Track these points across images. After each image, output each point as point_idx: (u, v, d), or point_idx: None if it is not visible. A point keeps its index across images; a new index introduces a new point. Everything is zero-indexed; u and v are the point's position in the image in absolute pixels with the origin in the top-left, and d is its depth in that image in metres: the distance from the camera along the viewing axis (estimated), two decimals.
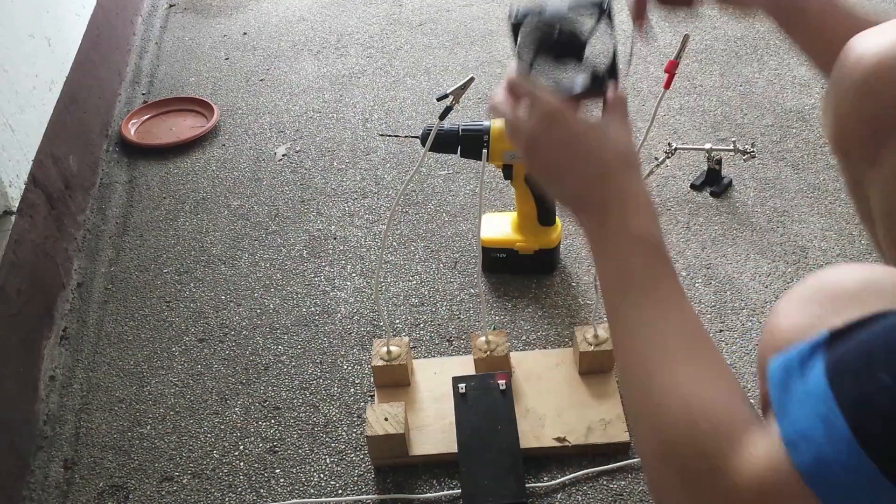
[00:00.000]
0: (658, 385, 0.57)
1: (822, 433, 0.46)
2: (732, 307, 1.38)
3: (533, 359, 1.30)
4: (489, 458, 1.12)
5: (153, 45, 2.35)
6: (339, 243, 1.60)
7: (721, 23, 2.19)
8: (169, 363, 1.38)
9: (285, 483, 1.18)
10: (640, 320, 0.61)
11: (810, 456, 0.46)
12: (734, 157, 1.67)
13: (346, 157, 1.83)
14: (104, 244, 1.65)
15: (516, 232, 1.45)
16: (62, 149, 1.65)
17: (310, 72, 2.15)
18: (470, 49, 2.17)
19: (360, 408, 1.28)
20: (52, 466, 1.24)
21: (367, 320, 1.43)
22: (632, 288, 0.62)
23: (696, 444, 0.53)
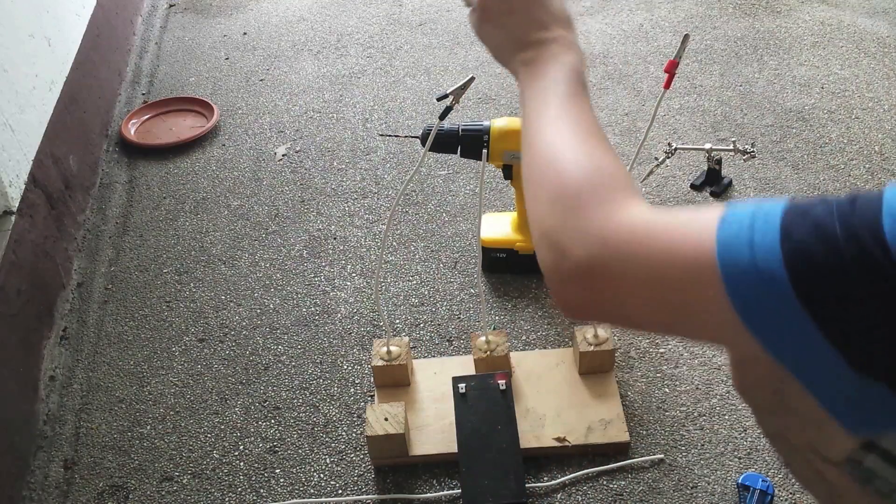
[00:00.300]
0: (563, 152, 0.64)
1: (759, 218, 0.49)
2: None
3: (533, 359, 1.30)
4: (489, 458, 1.12)
5: (153, 45, 2.35)
6: (339, 243, 1.60)
7: (721, 23, 2.19)
8: (169, 363, 1.38)
9: (285, 483, 1.18)
10: (554, 116, 0.69)
11: (734, 227, 0.49)
12: (734, 157, 1.67)
13: (346, 157, 1.83)
14: (104, 244, 1.65)
15: (516, 232, 1.45)
16: (62, 149, 1.65)
17: (310, 72, 2.15)
18: (470, 49, 2.17)
19: (360, 408, 1.28)
20: (52, 466, 1.24)
21: (367, 320, 1.43)
22: (553, 96, 0.71)
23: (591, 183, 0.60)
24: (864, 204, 0.46)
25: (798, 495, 1.11)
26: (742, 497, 1.10)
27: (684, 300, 0.53)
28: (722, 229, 0.50)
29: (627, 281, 0.55)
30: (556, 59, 0.74)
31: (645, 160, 1.70)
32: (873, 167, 1.66)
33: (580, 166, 0.62)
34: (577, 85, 0.72)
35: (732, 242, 0.49)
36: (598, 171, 0.61)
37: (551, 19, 0.76)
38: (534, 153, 0.68)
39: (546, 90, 0.72)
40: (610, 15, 2.28)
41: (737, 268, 0.49)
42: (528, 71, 0.75)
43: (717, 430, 1.20)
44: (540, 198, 0.64)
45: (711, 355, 1.30)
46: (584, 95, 0.72)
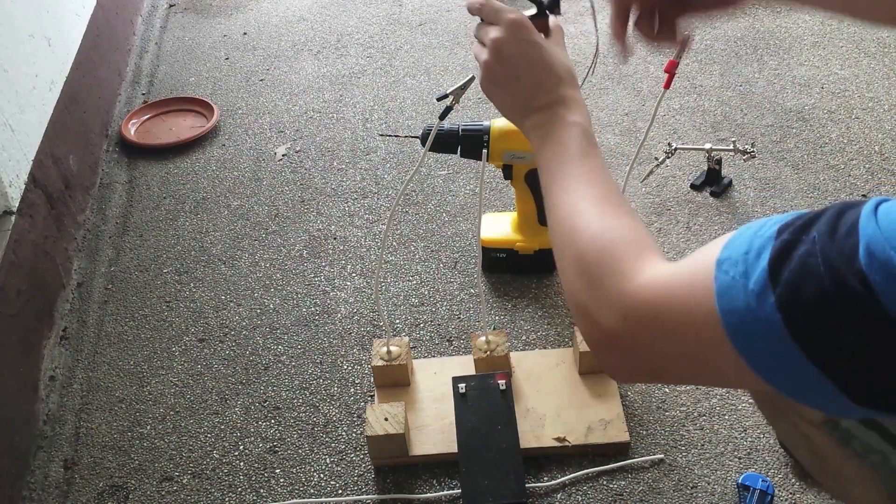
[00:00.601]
0: (583, 219, 0.68)
1: (750, 262, 0.51)
2: None
3: (533, 359, 1.30)
4: (489, 458, 1.12)
5: (153, 45, 2.35)
6: (339, 243, 1.60)
7: (721, 23, 2.19)
8: (169, 363, 1.38)
9: (285, 483, 1.18)
10: (572, 182, 0.72)
11: (730, 276, 0.52)
12: (734, 157, 1.67)
13: (346, 157, 1.83)
14: (104, 244, 1.65)
15: (516, 232, 1.45)
16: (62, 149, 1.65)
17: (310, 72, 2.15)
18: (470, 49, 2.17)
19: (360, 408, 1.28)
20: (52, 466, 1.24)
21: (367, 320, 1.43)
22: (566, 160, 0.74)
23: (609, 254, 0.63)
24: (843, 234, 0.49)
25: (798, 495, 1.11)
26: (742, 497, 1.10)
27: (701, 357, 0.56)
28: (719, 280, 0.53)
29: (651, 347, 0.59)
30: (564, 120, 0.76)
31: (645, 160, 1.70)
32: (873, 167, 1.66)
33: (595, 236, 0.66)
34: (587, 145, 0.75)
35: (730, 295, 0.52)
36: (611, 240, 0.65)
37: (555, 81, 0.79)
38: (554, 221, 0.72)
39: (558, 155, 0.75)
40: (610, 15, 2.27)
41: (737, 320, 0.52)
42: (538, 135, 0.77)
43: (717, 430, 1.20)
44: (564, 266, 0.68)
45: None
46: (595, 154, 0.74)
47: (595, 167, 0.73)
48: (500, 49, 0.79)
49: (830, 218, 0.50)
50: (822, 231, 0.50)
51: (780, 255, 0.50)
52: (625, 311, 0.59)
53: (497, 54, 0.79)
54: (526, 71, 0.78)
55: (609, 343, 0.62)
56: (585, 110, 0.78)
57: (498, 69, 0.79)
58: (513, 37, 0.78)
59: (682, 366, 0.60)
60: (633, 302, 0.59)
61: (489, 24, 0.81)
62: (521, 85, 0.79)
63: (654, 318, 0.58)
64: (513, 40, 0.78)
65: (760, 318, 0.50)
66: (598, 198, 0.70)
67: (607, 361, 0.64)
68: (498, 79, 0.80)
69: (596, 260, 0.64)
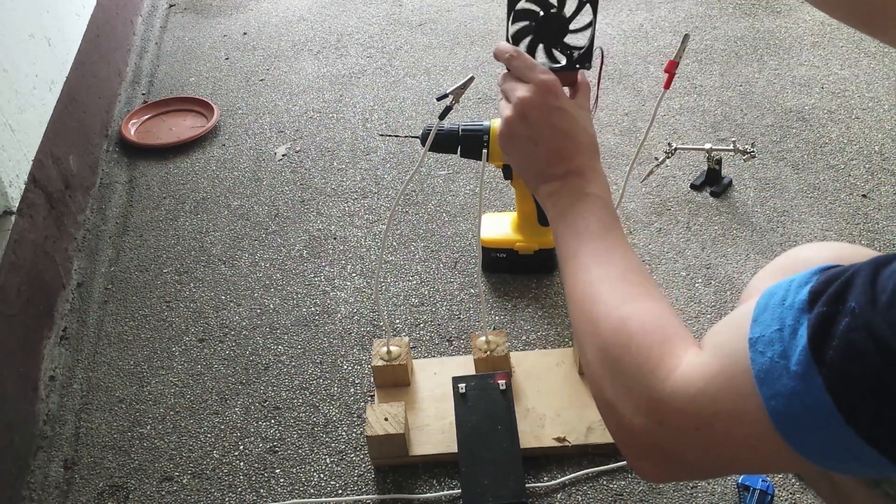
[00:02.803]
0: (601, 306, 0.64)
1: (786, 340, 0.49)
2: (732, 307, 1.38)
3: (533, 359, 1.30)
4: (489, 458, 1.12)
5: (153, 45, 2.35)
6: (339, 243, 1.60)
7: (721, 23, 2.19)
8: (169, 363, 1.38)
9: (285, 483, 1.18)
10: (588, 259, 0.68)
11: (767, 358, 0.49)
12: (734, 157, 1.67)
13: (346, 157, 1.83)
14: (104, 244, 1.65)
15: (516, 232, 1.45)
16: (62, 149, 1.65)
17: (310, 72, 2.15)
18: (470, 49, 2.17)
19: (360, 408, 1.28)
20: (52, 466, 1.24)
21: (367, 320, 1.43)
22: (586, 236, 0.70)
23: (631, 351, 0.59)
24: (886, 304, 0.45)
25: (798, 495, 1.11)
26: (742, 497, 1.10)
27: (747, 453, 0.53)
28: (756, 363, 0.50)
29: (692, 451, 0.55)
30: (580, 192, 0.73)
31: (645, 160, 1.70)
32: (873, 167, 1.66)
33: (616, 328, 0.61)
34: (606, 219, 0.71)
35: (771, 379, 0.49)
36: (635, 332, 0.60)
37: (574, 150, 0.75)
38: (573, 305, 0.68)
39: (573, 228, 0.72)
40: (610, 15, 2.27)
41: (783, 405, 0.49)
42: (554, 204, 0.75)
43: None
44: (588, 358, 0.64)
45: None
46: (614, 229, 0.71)
47: (614, 244, 0.69)
48: (526, 110, 0.75)
49: (866, 282, 0.47)
50: (860, 301, 0.46)
51: (820, 332, 0.47)
52: (660, 416, 0.55)
53: (521, 115, 0.76)
54: (547, 136, 0.76)
55: (644, 449, 0.58)
56: (605, 182, 0.75)
57: (519, 129, 0.76)
58: (540, 100, 0.75)
59: (725, 464, 0.56)
60: (670, 407, 0.55)
61: (517, 79, 0.78)
62: (540, 150, 0.76)
63: (694, 422, 0.54)
64: (540, 104, 0.75)
65: (808, 404, 0.47)
66: (616, 279, 0.66)
67: (640, 466, 0.60)
68: (517, 139, 0.77)
69: (620, 355, 0.60)
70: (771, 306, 0.51)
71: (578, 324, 0.66)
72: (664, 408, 0.55)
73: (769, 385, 0.49)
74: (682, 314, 1.38)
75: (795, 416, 0.48)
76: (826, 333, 0.47)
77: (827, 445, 0.48)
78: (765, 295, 0.52)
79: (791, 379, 0.48)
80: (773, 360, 0.49)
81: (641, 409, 0.56)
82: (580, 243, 0.70)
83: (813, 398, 0.47)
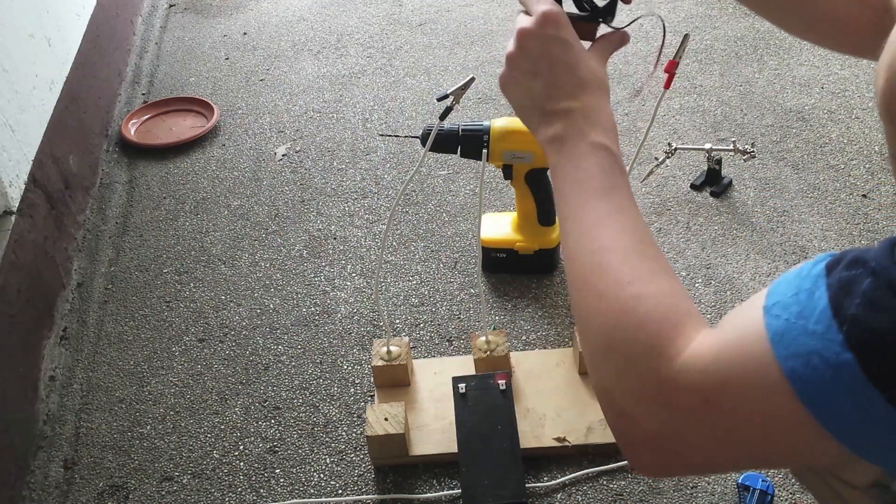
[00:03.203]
0: (610, 283, 0.58)
1: (803, 302, 0.47)
2: (732, 307, 1.38)
3: (533, 359, 1.30)
4: (489, 458, 1.12)
5: (153, 45, 2.35)
6: (339, 243, 1.60)
7: (721, 23, 2.19)
8: (169, 363, 1.38)
9: (285, 483, 1.18)
10: (594, 222, 0.62)
11: (783, 319, 0.47)
12: (734, 157, 1.67)
13: (346, 157, 1.83)
14: (104, 244, 1.65)
15: (516, 232, 1.45)
16: (62, 149, 1.65)
17: (310, 72, 2.15)
18: (470, 49, 2.17)
19: (360, 408, 1.28)
20: (52, 466, 1.24)
21: (367, 320, 1.43)
22: (589, 191, 0.64)
23: (643, 332, 0.55)
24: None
25: (798, 495, 1.11)
26: (742, 497, 1.10)
27: (765, 431, 0.50)
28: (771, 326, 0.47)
29: (704, 440, 0.52)
30: (585, 139, 0.66)
31: (645, 160, 1.70)
32: (873, 167, 1.66)
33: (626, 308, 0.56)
34: (615, 175, 0.65)
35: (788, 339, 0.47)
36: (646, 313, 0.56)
37: (577, 85, 0.69)
38: (575, 272, 0.62)
39: (578, 184, 0.65)
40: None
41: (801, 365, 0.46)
42: (556, 150, 0.68)
43: None
44: (588, 330, 0.59)
45: None
46: (623, 187, 0.64)
47: (622, 207, 0.62)
48: (524, 41, 0.70)
49: (885, 248, 0.46)
50: (882, 262, 0.45)
51: (841, 291, 0.46)
52: (666, 397, 0.52)
53: (520, 46, 0.71)
54: (545, 68, 0.69)
55: (651, 443, 0.53)
56: (613, 126, 0.68)
57: (518, 62, 0.71)
58: (539, 30, 0.70)
59: (735, 454, 0.53)
60: (677, 384, 0.51)
61: (525, 13, 0.72)
62: (538, 83, 0.70)
63: (703, 394, 0.50)
64: (539, 34, 0.70)
65: (830, 362, 0.45)
66: (628, 250, 0.59)
67: (645, 461, 0.55)
68: (516, 73, 0.71)
69: (629, 337, 0.55)
70: (786, 279, 0.50)
71: (582, 297, 0.60)
72: (671, 386, 0.52)
73: (785, 345, 0.47)
74: None
75: (816, 376, 0.46)
76: (847, 292, 0.46)
77: (848, 410, 0.46)
78: (778, 279, 0.51)
79: (810, 337, 0.46)
80: (789, 322, 0.47)
81: (648, 391, 0.53)
82: (585, 202, 0.64)
83: (834, 355, 0.45)
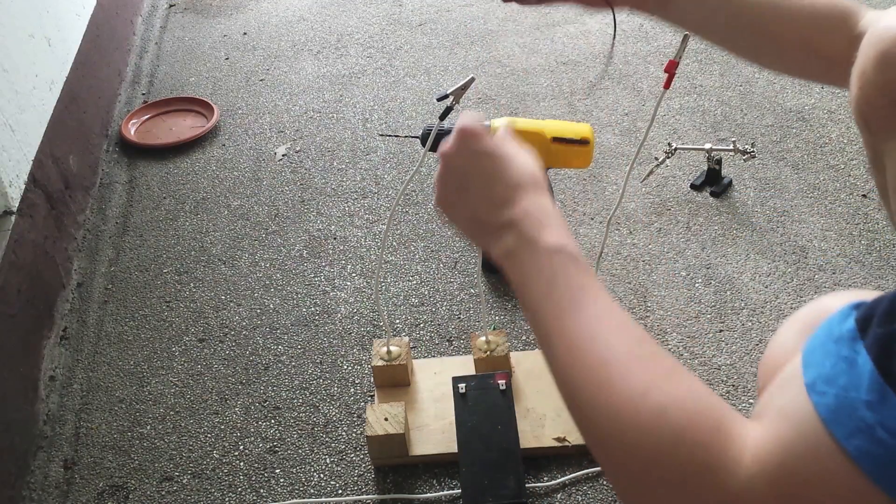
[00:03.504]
0: (622, 398, 0.51)
1: (846, 372, 0.44)
2: (732, 307, 1.38)
3: (533, 359, 1.30)
4: (489, 458, 1.12)
5: (153, 45, 2.35)
6: (339, 243, 1.60)
7: None
8: (169, 363, 1.38)
9: (285, 483, 1.18)
10: (578, 334, 0.56)
11: (832, 395, 0.44)
12: (734, 157, 1.67)
13: (346, 157, 1.83)
14: (104, 244, 1.65)
15: None
16: (62, 149, 1.65)
17: (310, 72, 2.15)
18: (470, 49, 2.17)
19: (360, 408, 1.28)
20: (52, 466, 1.24)
21: (367, 320, 1.43)
22: (560, 302, 0.58)
23: (684, 448, 0.48)
24: None
25: None
26: None
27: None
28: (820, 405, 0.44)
29: None
30: (538, 245, 0.61)
31: (645, 160, 1.70)
32: None
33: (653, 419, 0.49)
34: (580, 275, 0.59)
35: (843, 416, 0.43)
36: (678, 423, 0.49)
37: (511, 190, 0.65)
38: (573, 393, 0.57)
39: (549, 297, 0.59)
40: (609, 15, 2.27)
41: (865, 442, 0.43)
42: (513, 266, 0.63)
43: None
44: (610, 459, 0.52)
45: (711, 355, 1.30)
46: (596, 287, 0.58)
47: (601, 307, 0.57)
48: (448, 161, 0.68)
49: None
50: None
51: (883, 350, 0.43)
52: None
53: (445, 167, 0.68)
54: (476, 182, 0.66)
55: None
56: (562, 222, 0.63)
57: (447, 183, 0.68)
58: (461, 146, 0.67)
59: None
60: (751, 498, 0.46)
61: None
62: (473, 198, 0.66)
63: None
64: (460, 151, 0.68)
65: (892, 428, 0.42)
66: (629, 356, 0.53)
67: None
68: (448, 194, 0.68)
69: (668, 457, 0.48)
70: (818, 346, 0.46)
71: (590, 421, 0.54)
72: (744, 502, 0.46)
73: (842, 424, 0.43)
74: (682, 314, 1.38)
75: (884, 449, 0.42)
76: (891, 352, 0.43)
77: None
78: (807, 344, 0.48)
79: (867, 409, 0.42)
80: (839, 397, 0.44)
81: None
82: (559, 315, 0.58)
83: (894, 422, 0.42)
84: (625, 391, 0.51)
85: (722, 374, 1.27)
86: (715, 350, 1.31)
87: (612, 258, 1.49)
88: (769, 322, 1.35)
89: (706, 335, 1.34)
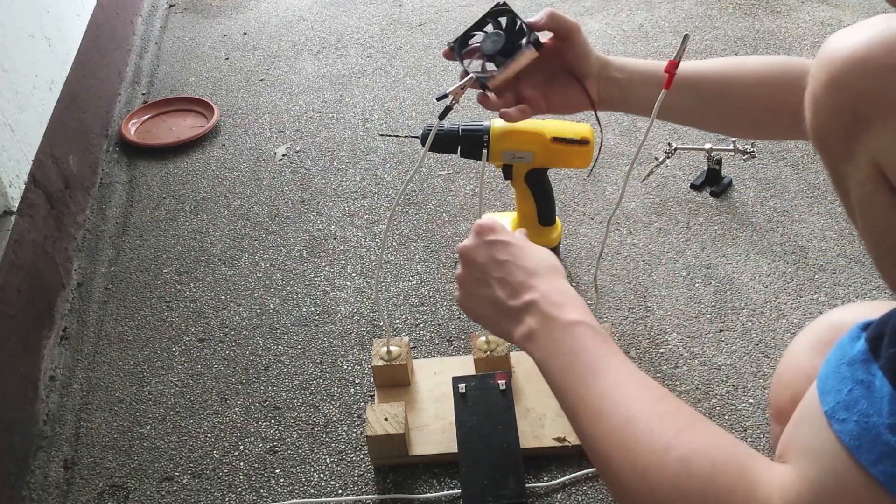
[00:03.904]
0: (647, 456, 0.53)
1: (864, 396, 0.44)
2: (732, 307, 1.38)
3: None
4: (489, 458, 1.12)
5: (153, 45, 2.35)
6: (339, 243, 1.60)
7: (721, 23, 2.19)
8: (169, 363, 1.38)
9: (285, 483, 1.18)
10: (601, 401, 0.58)
11: (853, 422, 0.44)
12: (734, 157, 1.67)
13: (346, 157, 1.83)
14: (104, 244, 1.65)
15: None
16: (62, 149, 1.65)
17: (310, 72, 2.15)
18: None
19: (360, 408, 1.28)
20: (52, 466, 1.24)
21: (367, 320, 1.43)
22: (582, 372, 0.61)
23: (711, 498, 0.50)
24: None
25: None
26: None
27: None
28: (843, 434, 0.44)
29: None
30: (558, 322, 0.65)
31: (645, 160, 1.70)
32: None
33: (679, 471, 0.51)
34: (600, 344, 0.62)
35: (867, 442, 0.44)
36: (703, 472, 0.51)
37: (530, 275, 0.69)
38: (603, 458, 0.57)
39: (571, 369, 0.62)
40: (610, 15, 2.27)
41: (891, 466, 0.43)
42: (536, 346, 0.66)
43: None
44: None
45: (711, 355, 1.30)
46: (617, 355, 0.61)
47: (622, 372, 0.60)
48: (467, 256, 0.72)
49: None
50: None
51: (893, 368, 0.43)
52: None
53: (465, 263, 0.72)
54: (495, 273, 0.70)
55: None
56: (580, 301, 0.67)
57: (468, 277, 0.72)
58: (477, 240, 0.72)
59: None
60: None
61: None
62: (494, 287, 0.70)
63: None
64: (478, 244, 0.72)
65: None
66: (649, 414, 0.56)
67: None
68: (470, 289, 0.72)
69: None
70: (832, 372, 0.47)
71: (620, 484, 0.55)
72: None
73: (868, 450, 0.43)
74: (682, 314, 1.38)
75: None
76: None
77: None
78: (821, 371, 0.48)
79: (890, 433, 0.43)
80: (860, 424, 0.44)
81: None
82: (582, 385, 0.60)
83: None
84: (648, 448, 0.53)
85: (722, 374, 1.27)
86: (715, 350, 1.31)
87: (612, 258, 1.49)
88: (769, 322, 1.35)
89: (706, 335, 1.34)
